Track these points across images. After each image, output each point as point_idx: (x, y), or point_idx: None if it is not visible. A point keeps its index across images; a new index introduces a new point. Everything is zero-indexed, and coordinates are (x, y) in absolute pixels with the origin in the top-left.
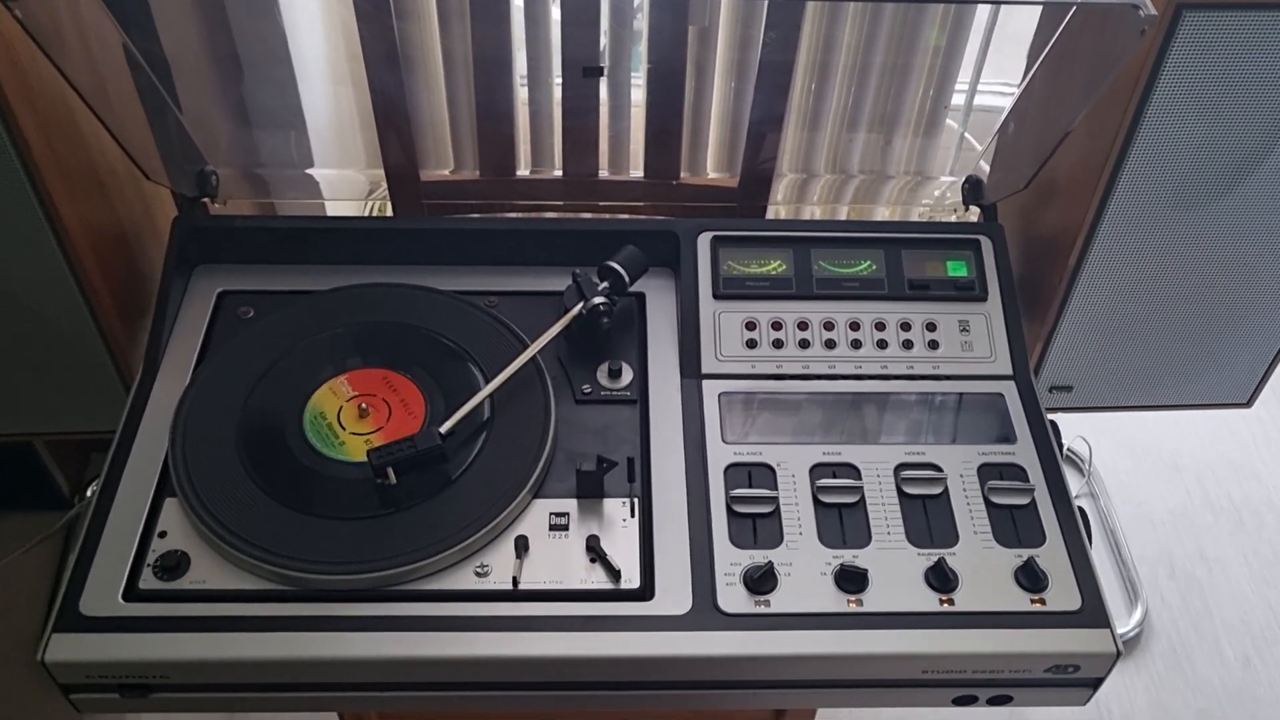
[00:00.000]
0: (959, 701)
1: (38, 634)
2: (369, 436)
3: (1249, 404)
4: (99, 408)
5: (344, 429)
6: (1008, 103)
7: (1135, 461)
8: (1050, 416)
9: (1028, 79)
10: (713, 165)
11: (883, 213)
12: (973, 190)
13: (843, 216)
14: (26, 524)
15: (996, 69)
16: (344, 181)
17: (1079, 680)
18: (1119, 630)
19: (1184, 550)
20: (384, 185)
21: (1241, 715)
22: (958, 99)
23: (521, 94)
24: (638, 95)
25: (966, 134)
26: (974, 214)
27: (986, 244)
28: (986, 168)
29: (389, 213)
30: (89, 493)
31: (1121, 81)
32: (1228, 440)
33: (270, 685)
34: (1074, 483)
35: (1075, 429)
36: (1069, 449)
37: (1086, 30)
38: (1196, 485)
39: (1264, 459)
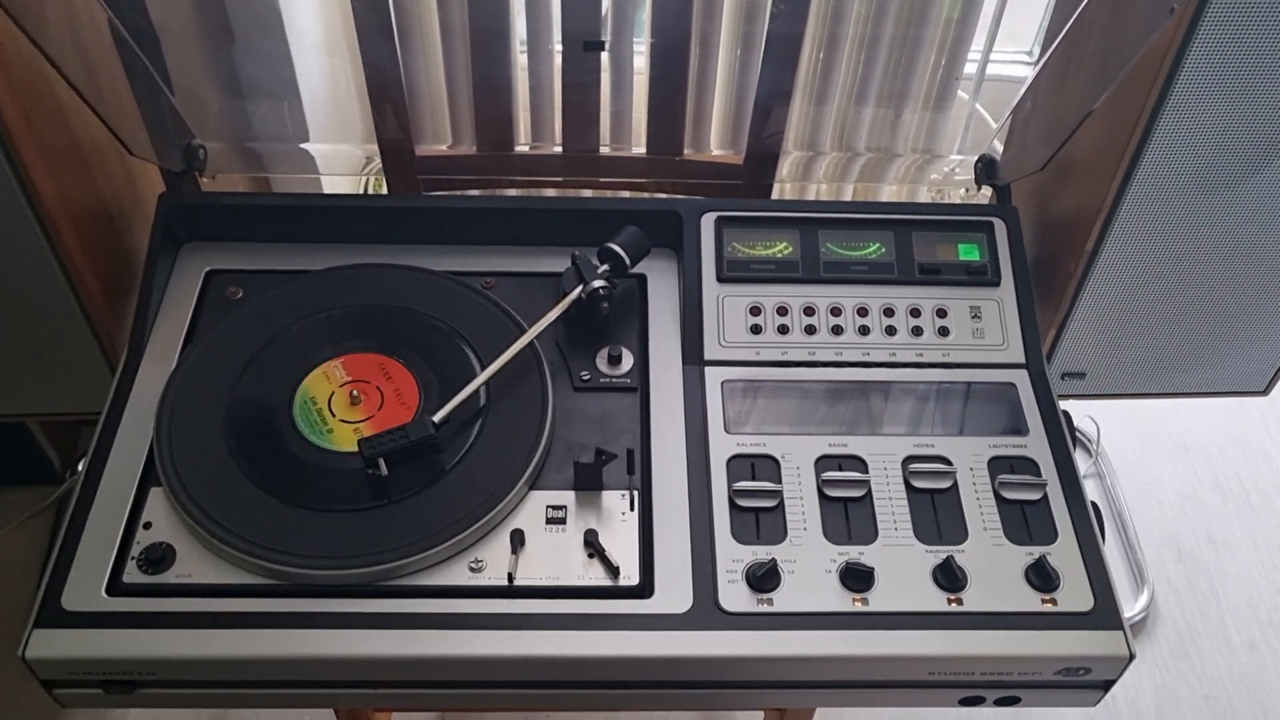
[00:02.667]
0: (966, 702)
1: (28, 608)
2: (360, 425)
3: (1266, 392)
4: (86, 389)
5: (335, 416)
6: (1021, 72)
7: (1143, 441)
8: (1061, 405)
9: (1047, 56)
10: (716, 141)
11: (890, 191)
12: (986, 170)
13: (849, 195)
14: (17, 499)
15: (1007, 35)
16: (338, 156)
17: (1089, 682)
18: (1124, 614)
19: (1192, 533)
20: (379, 160)
21: (1247, 701)
22: (969, 68)
23: (520, 63)
24: (639, 64)
25: (978, 106)
26: (984, 193)
27: (1000, 226)
28: (1000, 147)
29: (384, 188)
30: (80, 467)
31: (1146, 60)
32: (1237, 421)
33: (258, 682)
34: (1081, 462)
35: (1083, 408)
36: (1076, 428)
37: (1111, 6)
38: (1205, 466)
39: (1274, 440)
